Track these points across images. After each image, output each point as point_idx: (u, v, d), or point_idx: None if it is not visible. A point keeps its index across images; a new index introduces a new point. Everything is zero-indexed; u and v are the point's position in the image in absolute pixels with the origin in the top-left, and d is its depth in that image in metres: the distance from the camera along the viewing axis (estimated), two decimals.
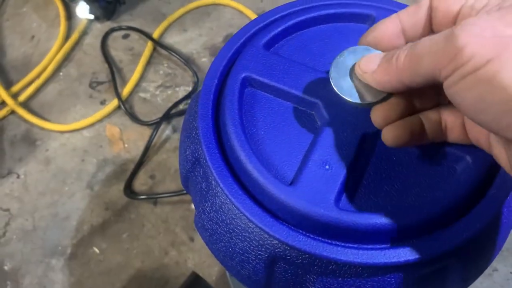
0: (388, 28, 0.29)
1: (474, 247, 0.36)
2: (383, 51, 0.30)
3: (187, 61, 0.93)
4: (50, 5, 1.04)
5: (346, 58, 0.32)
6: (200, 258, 0.76)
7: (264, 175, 0.33)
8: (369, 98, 0.31)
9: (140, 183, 0.83)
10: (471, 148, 0.33)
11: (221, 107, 0.38)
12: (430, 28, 0.29)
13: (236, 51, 0.40)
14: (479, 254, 0.37)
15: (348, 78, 0.32)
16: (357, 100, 0.31)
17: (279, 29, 0.40)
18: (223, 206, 0.36)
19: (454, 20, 0.27)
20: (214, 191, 0.36)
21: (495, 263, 0.72)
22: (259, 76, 0.38)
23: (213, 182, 0.36)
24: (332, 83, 0.32)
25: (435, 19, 0.28)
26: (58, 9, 1.02)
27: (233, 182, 0.34)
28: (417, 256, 0.32)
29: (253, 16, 0.96)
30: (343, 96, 0.32)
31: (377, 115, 0.31)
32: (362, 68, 0.30)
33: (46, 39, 1.00)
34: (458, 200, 0.33)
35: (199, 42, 0.97)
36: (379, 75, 0.28)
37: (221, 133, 0.37)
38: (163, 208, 0.80)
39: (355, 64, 0.31)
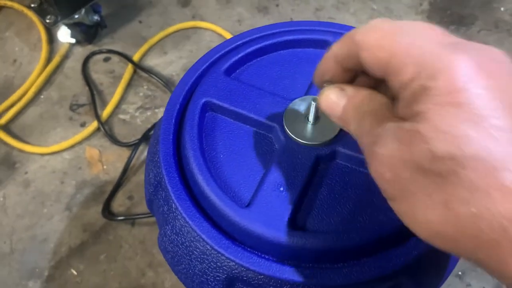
0: (327, 64, 0.29)
1: (427, 262, 0.37)
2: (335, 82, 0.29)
3: (167, 83, 0.94)
4: (32, 30, 1.06)
5: (298, 106, 0.38)
6: (177, 279, 0.75)
7: (220, 197, 0.34)
8: (322, 139, 0.36)
9: (118, 204, 0.83)
10: None
11: (182, 131, 0.39)
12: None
13: (198, 77, 0.42)
14: (432, 269, 0.38)
15: (302, 124, 0.37)
16: (311, 142, 0.36)
17: (240, 55, 0.42)
18: (182, 229, 0.37)
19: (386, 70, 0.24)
20: (174, 214, 0.37)
21: (468, 279, 0.73)
22: (219, 101, 0.39)
23: (173, 205, 0.37)
24: (287, 129, 0.37)
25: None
26: (40, 33, 1.03)
27: (192, 205, 0.35)
28: (369, 275, 0.33)
29: None
30: (298, 140, 0.36)
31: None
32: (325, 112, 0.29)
33: (28, 63, 1.01)
34: None
35: (179, 65, 0.98)
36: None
37: (182, 157, 0.38)
38: (141, 229, 0.80)
39: (309, 109, 0.36)
